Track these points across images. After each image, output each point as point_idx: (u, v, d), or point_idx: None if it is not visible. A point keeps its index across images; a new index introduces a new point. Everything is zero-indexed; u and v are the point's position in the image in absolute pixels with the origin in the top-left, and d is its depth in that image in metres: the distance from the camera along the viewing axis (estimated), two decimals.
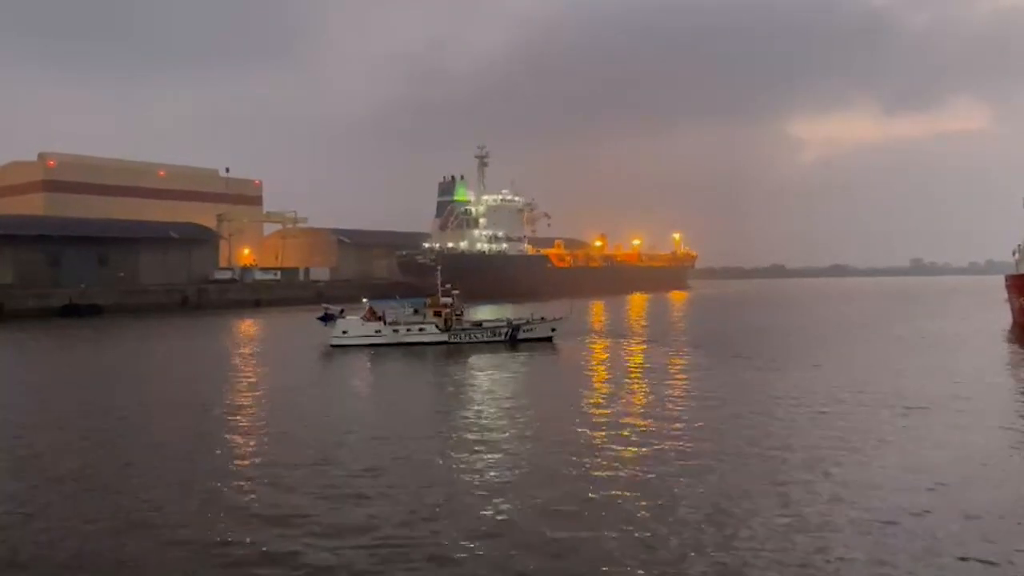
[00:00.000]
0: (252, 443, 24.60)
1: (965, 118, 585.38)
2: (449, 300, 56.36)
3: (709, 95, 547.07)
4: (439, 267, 60.30)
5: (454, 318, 55.67)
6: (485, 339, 55.20)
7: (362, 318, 55.24)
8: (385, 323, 54.59)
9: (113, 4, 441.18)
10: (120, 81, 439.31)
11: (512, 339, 55.30)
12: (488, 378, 39.52)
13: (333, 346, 53.05)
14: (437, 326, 54.64)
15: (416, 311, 55.93)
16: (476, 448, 23.39)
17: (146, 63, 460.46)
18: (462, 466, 21.26)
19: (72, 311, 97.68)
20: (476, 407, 30.84)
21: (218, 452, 23.51)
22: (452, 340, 54.30)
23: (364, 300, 58.19)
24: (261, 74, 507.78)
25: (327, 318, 54.80)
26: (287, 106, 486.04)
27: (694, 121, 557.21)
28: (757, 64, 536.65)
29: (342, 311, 55.46)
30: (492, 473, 20.52)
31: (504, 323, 57.29)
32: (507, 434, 25.47)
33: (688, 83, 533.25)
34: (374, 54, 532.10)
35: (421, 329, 54.49)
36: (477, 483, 19.56)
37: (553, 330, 56.86)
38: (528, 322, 57.14)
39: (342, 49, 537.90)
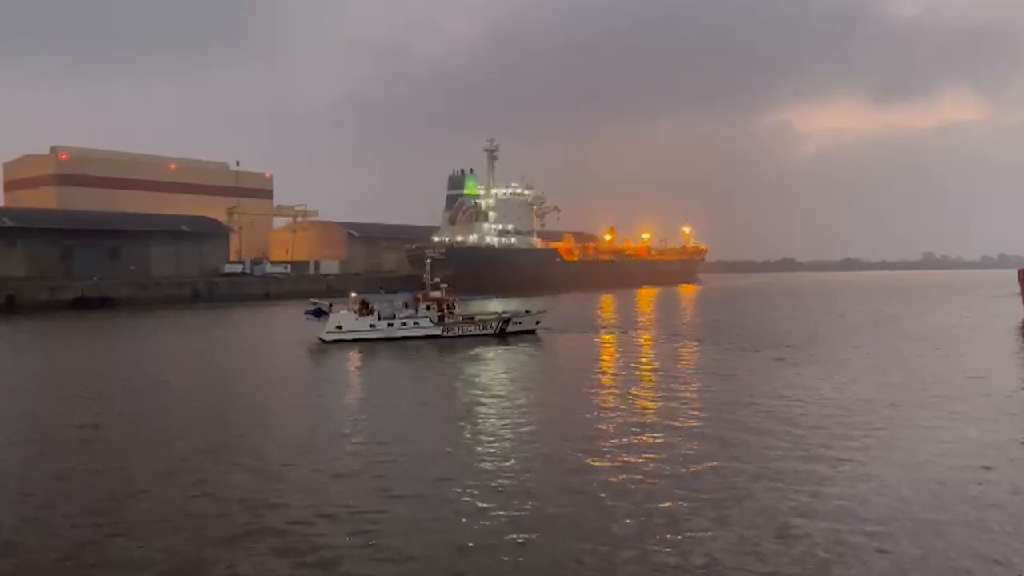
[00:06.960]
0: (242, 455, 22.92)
1: (962, 108, 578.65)
2: (438, 293, 57.07)
3: (706, 86, 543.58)
4: (428, 260, 61.06)
5: (447, 311, 56.39)
6: (477, 332, 56.06)
7: (351, 311, 54.89)
8: (380, 317, 54.88)
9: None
10: (107, 76, 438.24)
11: (502, 332, 56.30)
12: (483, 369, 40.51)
13: (325, 341, 52.00)
14: (431, 319, 55.33)
15: (406, 304, 56.52)
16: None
17: (131, 56, 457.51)
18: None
19: (84, 303, 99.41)
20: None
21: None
22: (445, 334, 54.98)
23: (352, 294, 58.52)
24: (249, 67, 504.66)
25: (317, 313, 54.16)
26: (283, 98, 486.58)
27: (687, 113, 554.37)
28: (753, 54, 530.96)
29: (331, 305, 55.26)
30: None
31: (494, 317, 58.42)
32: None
33: (682, 75, 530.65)
34: (359, 46, 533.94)
35: (416, 323, 55.00)
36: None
37: (537, 323, 58.80)
38: (515, 315, 58.55)
39: (323, 41, 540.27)
